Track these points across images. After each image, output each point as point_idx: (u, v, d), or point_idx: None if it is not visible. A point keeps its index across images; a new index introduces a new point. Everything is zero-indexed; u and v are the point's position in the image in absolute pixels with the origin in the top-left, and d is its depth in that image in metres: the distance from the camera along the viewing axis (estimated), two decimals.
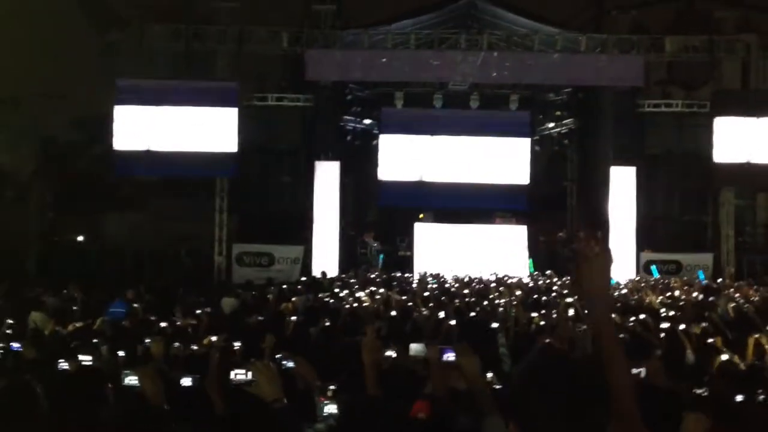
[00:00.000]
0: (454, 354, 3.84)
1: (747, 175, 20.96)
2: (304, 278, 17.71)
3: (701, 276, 16.54)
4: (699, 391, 4.55)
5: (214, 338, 6.80)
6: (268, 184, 22.06)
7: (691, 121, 21.74)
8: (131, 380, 3.63)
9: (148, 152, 20.84)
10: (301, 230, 21.37)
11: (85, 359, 4.56)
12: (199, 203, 21.88)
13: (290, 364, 4.52)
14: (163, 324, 8.39)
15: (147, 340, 6.04)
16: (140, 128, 20.88)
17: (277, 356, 4.99)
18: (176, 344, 6.30)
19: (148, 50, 21.32)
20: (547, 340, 6.93)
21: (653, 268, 19.96)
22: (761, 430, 4.02)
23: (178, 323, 9.19)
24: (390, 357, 5.25)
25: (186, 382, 3.99)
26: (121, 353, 6.17)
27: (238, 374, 3.01)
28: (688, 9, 23.48)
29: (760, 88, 21.93)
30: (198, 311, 10.29)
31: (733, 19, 21.91)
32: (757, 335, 7.53)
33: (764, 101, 21.27)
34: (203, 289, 15.00)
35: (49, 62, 21.89)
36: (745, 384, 4.99)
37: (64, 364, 4.79)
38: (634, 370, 5.08)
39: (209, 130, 20.88)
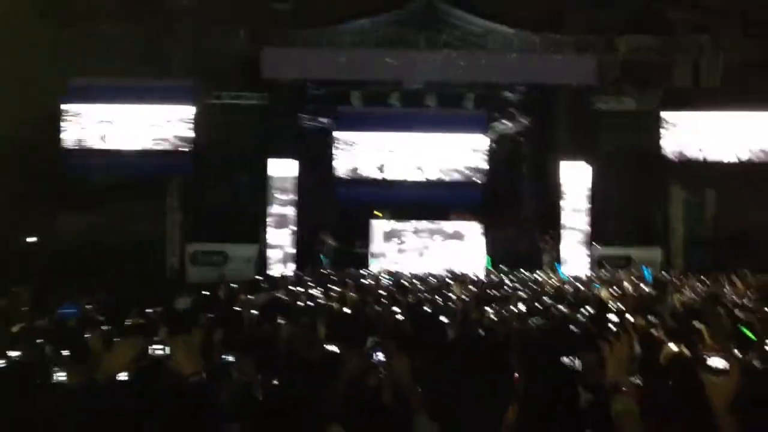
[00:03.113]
0: (382, 353, 3.85)
1: (696, 171, 21.43)
2: (258, 277, 17.65)
3: (646, 273, 16.81)
4: (632, 379, 4.63)
5: None
6: (223, 182, 21.90)
7: (643, 120, 22.06)
8: (60, 376, 3.65)
9: (101, 150, 20.63)
10: (256, 229, 21.28)
11: (14, 354, 4.49)
12: (153, 203, 21.65)
13: (230, 359, 4.54)
14: (106, 326, 8.27)
15: (86, 335, 5.96)
16: (94, 126, 20.66)
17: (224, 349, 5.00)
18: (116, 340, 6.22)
19: (103, 47, 21.02)
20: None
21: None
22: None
23: (128, 322, 9.08)
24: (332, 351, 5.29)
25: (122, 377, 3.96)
26: (65, 352, 6.11)
27: (157, 349, 2.97)
28: (642, 9, 23.82)
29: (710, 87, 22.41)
30: (149, 310, 10.19)
31: (686, 19, 22.29)
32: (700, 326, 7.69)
33: (713, 97, 21.70)
34: (156, 289, 14.84)
35: (0, 58, 21.44)
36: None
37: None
38: (568, 360, 5.18)
39: (164, 128, 20.71)
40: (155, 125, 20.72)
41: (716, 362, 2.94)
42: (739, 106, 21.23)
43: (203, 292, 13.05)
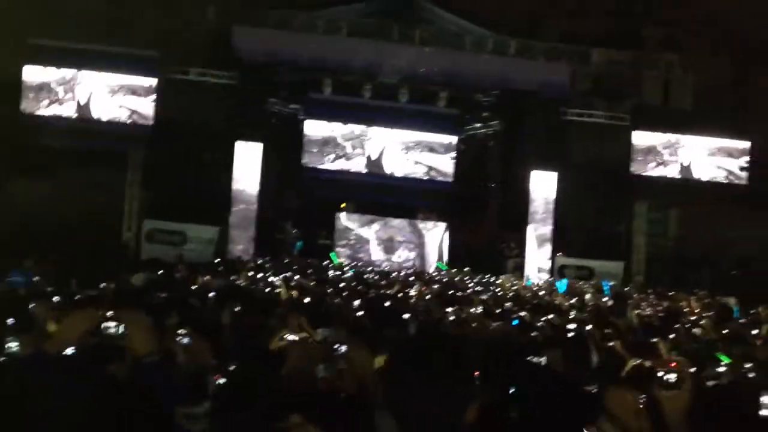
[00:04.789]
0: (345, 346, 3.75)
1: (661, 190, 21.82)
2: (218, 260, 17.27)
3: (606, 288, 16.81)
4: (589, 389, 4.58)
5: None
6: (186, 161, 21.34)
7: (612, 133, 22.26)
8: (13, 346, 3.62)
9: (58, 117, 19.98)
10: (218, 211, 20.85)
11: None
12: (111, 176, 21.05)
13: (186, 341, 4.40)
14: (56, 298, 7.92)
15: (31, 305, 5.70)
16: (53, 92, 20.01)
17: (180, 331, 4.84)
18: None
19: (66, 13, 20.31)
20: None
21: (561, 282, 18.46)
22: None
23: (77, 297, 8.73)
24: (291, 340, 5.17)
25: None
26: (10, 321, 5.84)
27: (110, 327, 2.72)
28: (617, 23, 23.99)
29: (679, 106, 22.70)
30: (101, 285, 9.82)
31: (659, 37, 22.53)
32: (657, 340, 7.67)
33: (682, 119, 22.07)
34: (108, 264, 14.39)
35: None
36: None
37: None
38: (536, 359, 5.18)
39: (126, 99, 20.17)
40: (117, 95, 20.15)
41: (669, 376, 2.99)
42: (707, 130, 21.60)
43: (159, 272, 12.70)
